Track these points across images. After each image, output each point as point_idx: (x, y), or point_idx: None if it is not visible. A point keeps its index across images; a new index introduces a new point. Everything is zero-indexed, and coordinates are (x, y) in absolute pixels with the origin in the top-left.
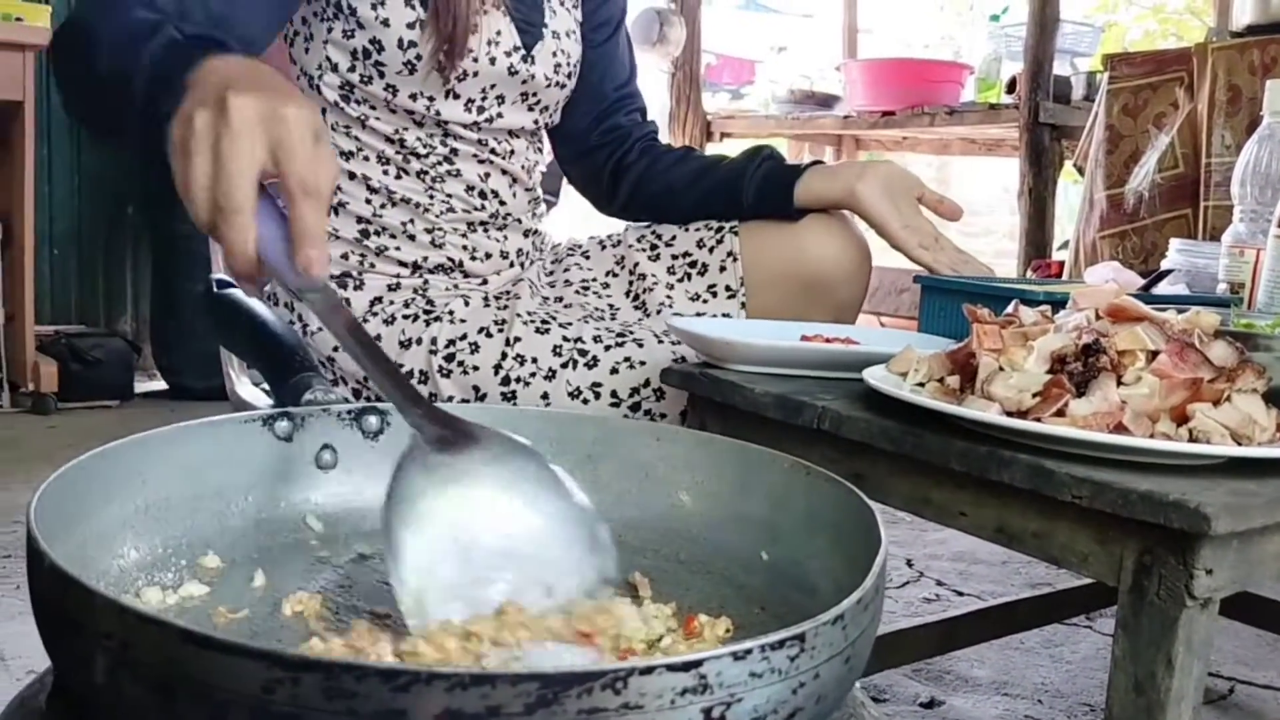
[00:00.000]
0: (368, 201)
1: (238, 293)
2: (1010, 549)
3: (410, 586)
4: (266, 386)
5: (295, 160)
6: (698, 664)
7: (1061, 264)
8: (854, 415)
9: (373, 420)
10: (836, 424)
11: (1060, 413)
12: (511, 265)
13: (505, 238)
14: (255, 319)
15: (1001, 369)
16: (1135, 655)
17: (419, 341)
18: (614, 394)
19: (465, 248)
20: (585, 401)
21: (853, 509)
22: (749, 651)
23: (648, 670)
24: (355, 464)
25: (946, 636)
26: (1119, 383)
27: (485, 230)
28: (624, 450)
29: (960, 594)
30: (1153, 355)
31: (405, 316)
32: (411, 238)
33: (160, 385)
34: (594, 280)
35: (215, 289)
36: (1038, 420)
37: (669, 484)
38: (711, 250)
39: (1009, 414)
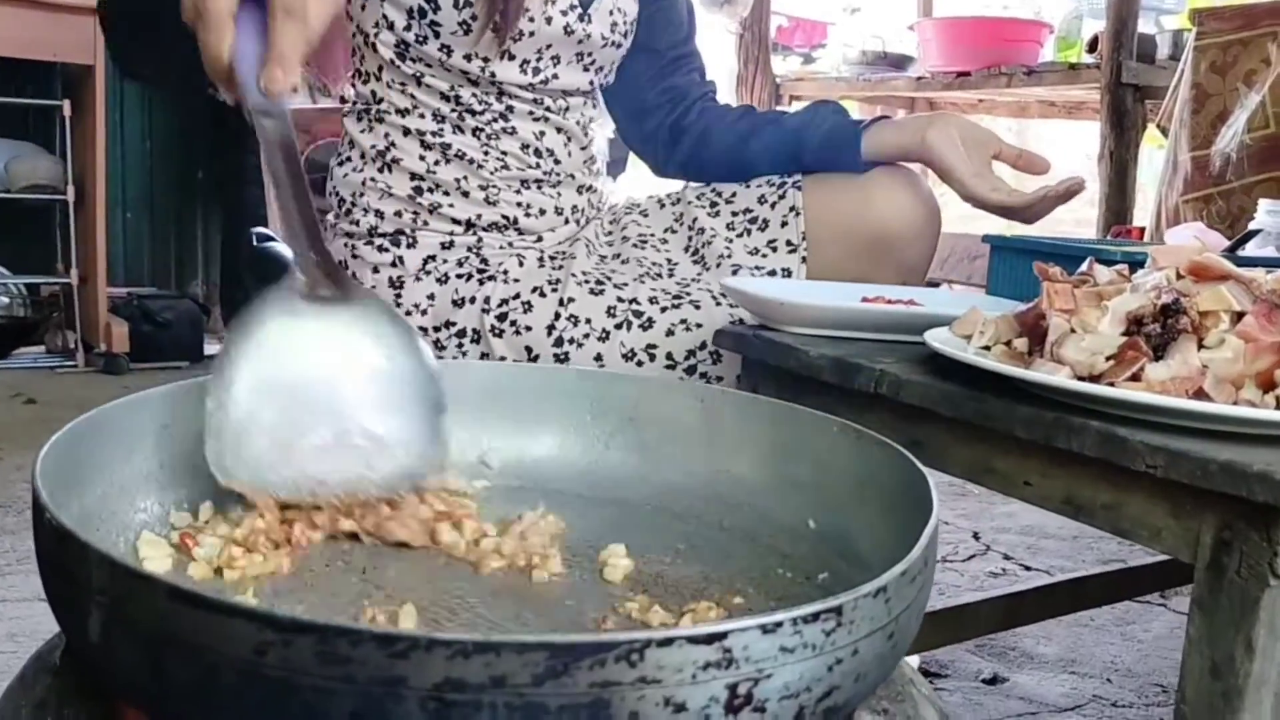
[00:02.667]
0: (421, 158)
1: (278, 246)
2: (1078, 522)
3: (228, 427)
4: None
5: None
6: (722, 636)
7: (1142, 230)
8: (913, 379)
9: None
10: (895, 388)
11: (1135, 377)
12: (566, 222)
13: (559, 194)
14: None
15: (1073, 331)
16: (1212, 637)
17: (472, 300)
18: (669, 356)
19: (519, 204)
20: (639, 364)
21: (905, 475)
22: (779, 624)
23: (666, 642)
24: None
25: (1011, 612)
26: (1200, 346)
27: (539, 187)
28: (666, 412)
29: (1028, 568)
30: (1238, 317)
31: (459, 275)
32: (465, 194)
33: None
34: (652, 235)
35: (257, 242)
36: (1111, 385)
37: (713, 448)
38: (773, 205)
39: (1080, 378)
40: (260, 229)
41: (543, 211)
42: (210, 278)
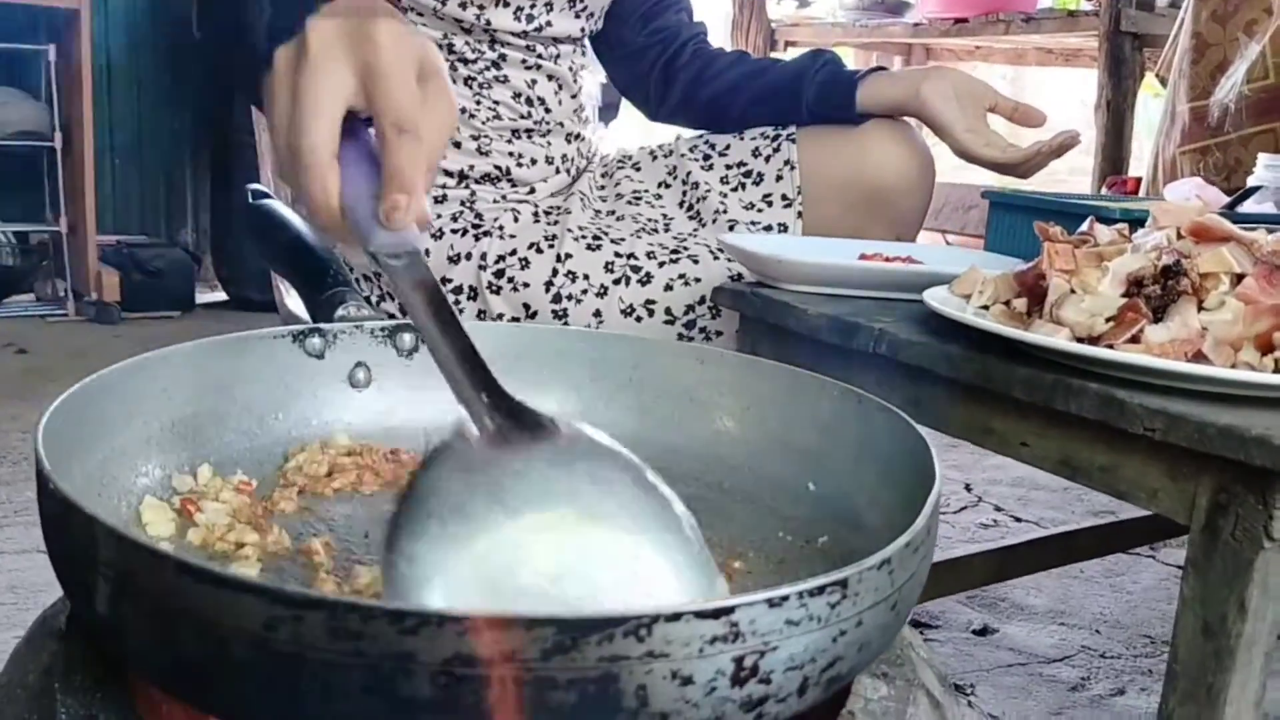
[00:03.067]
0: None
1: (274, 204)
2: (1074, 482)
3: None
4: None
5: (385, 89)
6: (729, 610)
7: (1139, 180)
8: (912, 339)
9: (407, 338)
10: (894, 348)
11: (1135, 339)
12: (558, 172)
13: (549, 144)
14: (290, 231)
15: (1073, 291)
16: (1205, 597)
17: (468, 256)
18: (668, 311)
19: (511, 154)
20: (638, 319)
21: (906, 441)
22: (785, 598)
23: (674, 616)
24: (389, 383)
25: (1003, 564)
26: (1200, 308)
27: (530, 137)
28: (666, 373)
29: (1019, 520)
30: (1238, 279)
31: (454, 231)
32: (457, 145)
33: (221, 296)
34: (646, 190)
35: (252, 199)
36: (1110, 347)
37: (712, 409)
38: (768, 159)
39: (1079, 340)
40: (255, 185)
41: (534, 161)
42: (201, 225)
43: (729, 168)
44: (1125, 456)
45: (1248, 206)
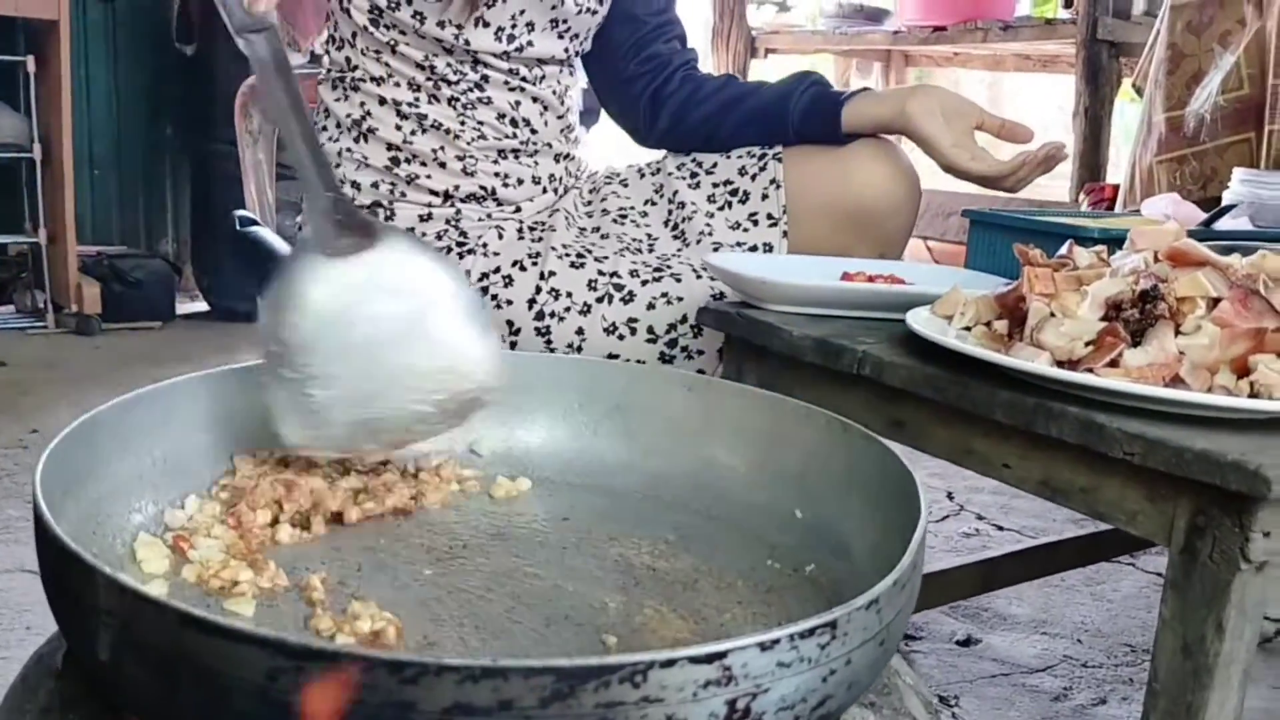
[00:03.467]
0: (398, 128)
1: (262, 231)
2: (1055, 503)
3: (281, 394)
4: None
5: None
6: (722, 655)
7: (1116, 188)
8: (895, 361)
9: None
10: (877, 370)
11: (1114, 363)
12: (545, 191)
13: (537, 164)
14: (277, 257)
15: (1053, 315)
16: (1184, 617)
17: None
18: (650, 330)
19: (497, 174)
20: (621, 337)
21: (892, 472)
22: (776, 641)
23: (669, 663)
24: None
25: (986, 577)
26: (1177, 332)
27: (517, 157)
28: (654, 400)
29: (1000, 529)
30: (1214, 303)
31: (439, 249)
32: (442, 165)
33: (202, 306)
34: (632, 209)
35: (240, 226)
36: (1089, 371)
37: (700, 437)
38: (754, 177)
39: (1060, 363)
40: (243, 212)
41: (520, 181)
42: (181, 235)
43: (715, 186)
44: (1105, 479)
45: (1224, 224)
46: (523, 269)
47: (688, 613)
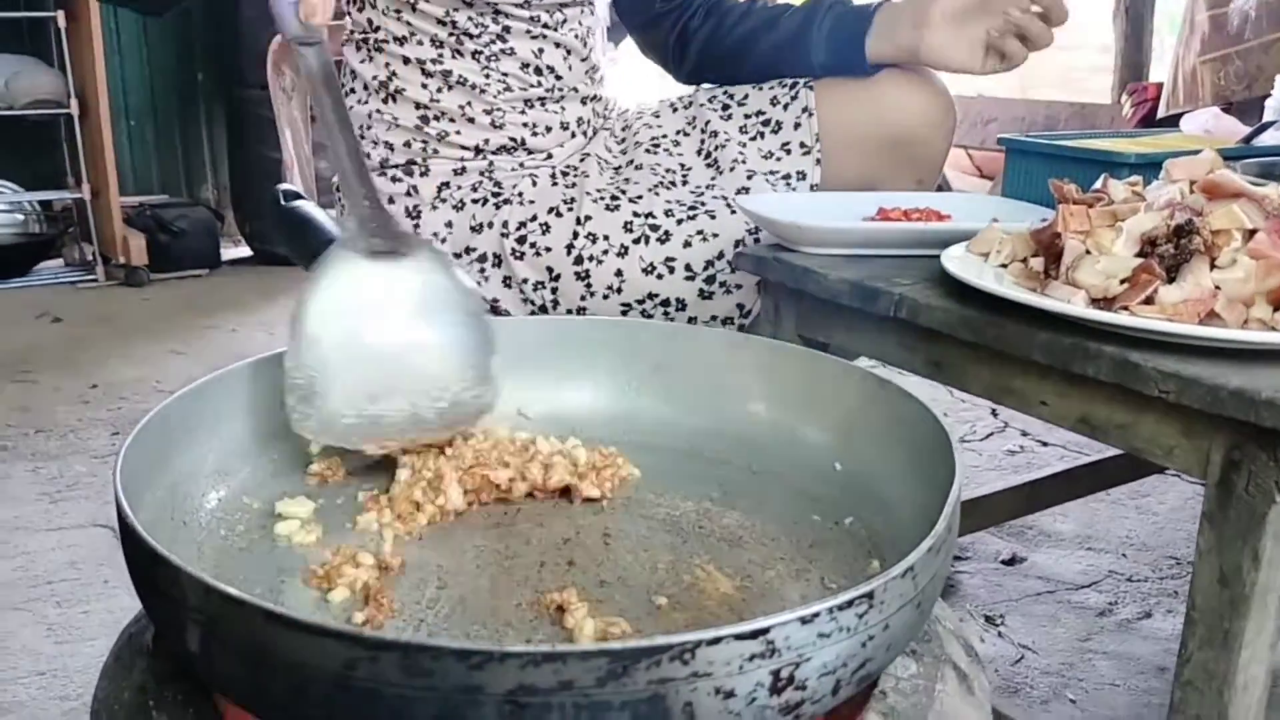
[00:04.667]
0: (424, 86)
1: (306, 205)
2: (1093, 439)
3: (301, 386)
4: None
5: None
6: (765, 631)
7: (1159, 87)
8: (932, 303)
9: None
10: (914, 312)
11: (1149, 300)
12: (574, 136)
13: (564, 109)
14: (324, 234)
15: (1088, 252)
16: (1221, 549)
17: (489, 225)
18: (688, 268)
19: (526, 125)
20: (659, 277)
21: (928, 428)
22: (816, 615)
23: (715, 640)
24: None
25: (1030, 498)
26: (1213, 266)
27: (544, 105)
28: (694, 359)
29: (1045, 444)
30: (1250, 235)
31: (474, 201)
32: (471, 120)
33: (245, 252)
34: (664, 138)
35: (283, 200)
36: (1125, 309)
37: (741, 393)
38: (785, 107)
39: (1095, 301)
40: (286, 186)
41: (549, 129)
42: (220, 181)
43: (747, 117)
44: (1141, 416)
45: (1265, 139)
46: (559, 215)
47: (734, 570)
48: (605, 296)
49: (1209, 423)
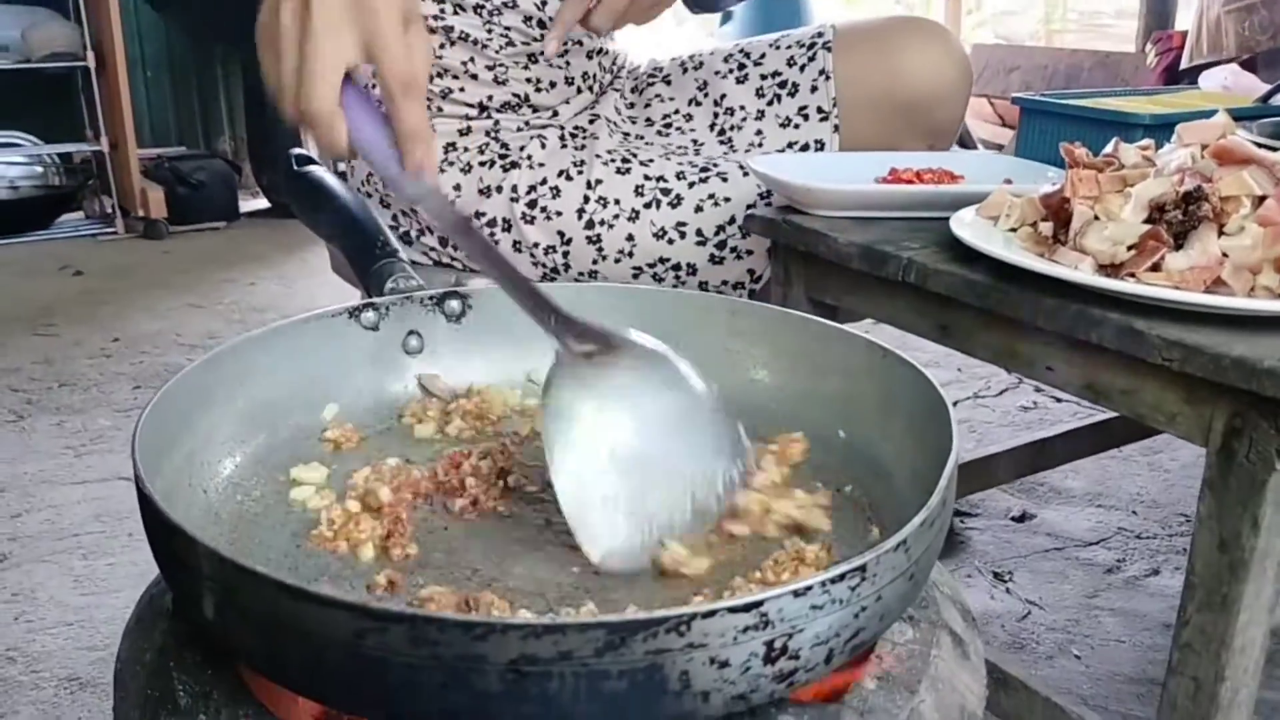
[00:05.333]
0: None
1: (321, 171)
2: (1097, 405)
3: (583, 521)
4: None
5: (389, 54)
6: (759, 604)
7: (1184, 35)
8: (940, 268)
9: (454, 304)
10: (922, 277)
11: (1156, 267)
12: (580, 91)
13: (568, 63)
14: (338, 201)
15: (1097, 218)
16: (1221, 514)
17: (498, 189)
18: (699, 233)
19: (529, 80)
20: (670, 241)
21: (928, 399)
22: (809, 588)
23: (710, 614)
24: (441, 348)
25: (1041, 455)
26: (1221, 233)
27: (547, 60)
28: (700, 325)
29: (1059, 400)
30: (1260, 201)
31: (482, 164)
32: (474, 77)
33: (263, 204)
34: (676, 113)
35: (296, 165)
36: (1132, 276)
37: (746, 359)
38: (802, 68)
39: (1103, 267)
40: (299, 150)
41: (553, 84)
42: (237, 133)
43: (764, 78)
44: (1145, 382)
45: None
46: (569, 179)
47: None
48: (616, 260)
49: (1211, 391)
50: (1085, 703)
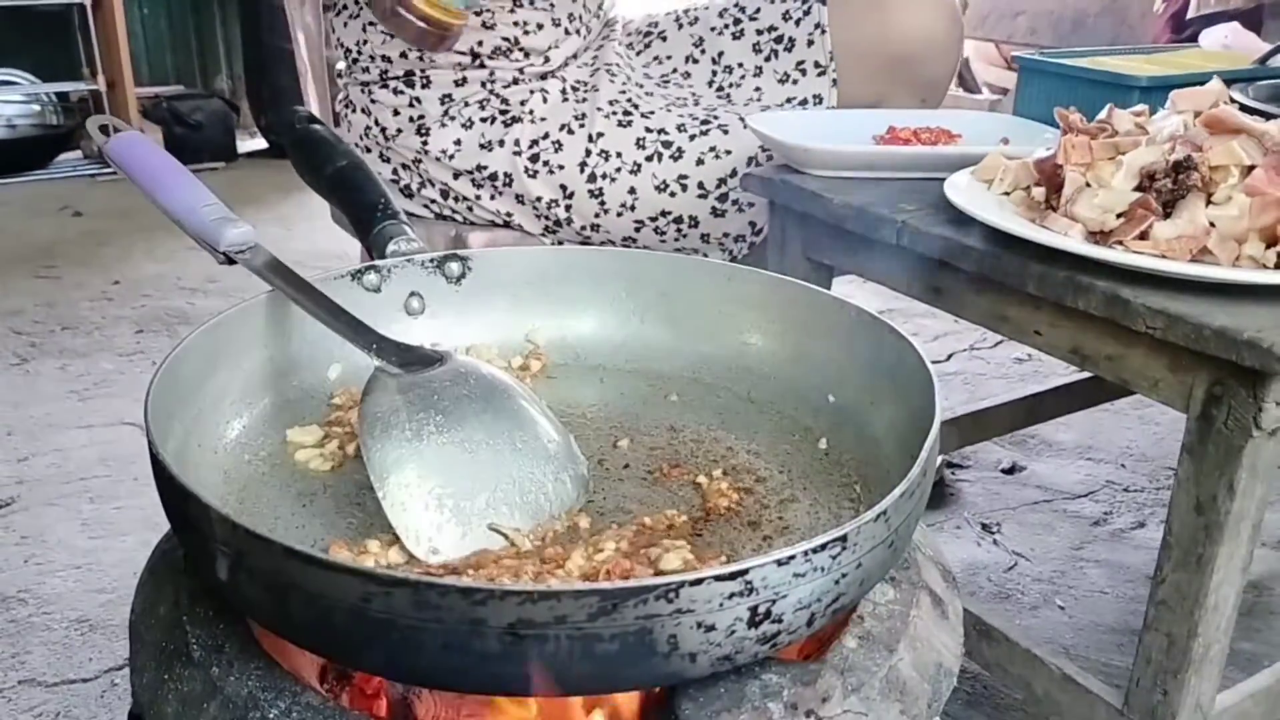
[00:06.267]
0: None
1: (322, 130)
2: (1083, 369)
3: (405, 517)
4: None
5: None
6: (744, 572)
7: None
8: (933, 232)
9: (454, 266)
10: (915, 240)
11: (1144, 235)
12: (568, 34)
13: (553, 6)
14: (339, 161)
15: (1088, 185)
16: (1199, 478)
17: (500, 144)
18: (700, 186)
19: (516, 23)
20: (672, 195)
21: (913, 366)
22: (792, 558)
23: (697, 581)
24: (441, 308)
25: (1031, 411)
26: (1209, 202)
27: (532, 3)
28: (696, 289)
29: None
30: (1248, 171)
31: (483, 119)
32: None
33: (261, 144)
34: (674, 71)
35: (298, 124)
36: (1120, 244)
37: (740, 323)
38: (798, 23)
39: (1092, 234)
40: (301, 108)
41: (540, 26)
42: (235, 71)
43: (760, 34)
44: (1130, 349)
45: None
46: (570, 132)
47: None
48: (619, 214)
49: (1193, 359)
50: (1066, 653)
